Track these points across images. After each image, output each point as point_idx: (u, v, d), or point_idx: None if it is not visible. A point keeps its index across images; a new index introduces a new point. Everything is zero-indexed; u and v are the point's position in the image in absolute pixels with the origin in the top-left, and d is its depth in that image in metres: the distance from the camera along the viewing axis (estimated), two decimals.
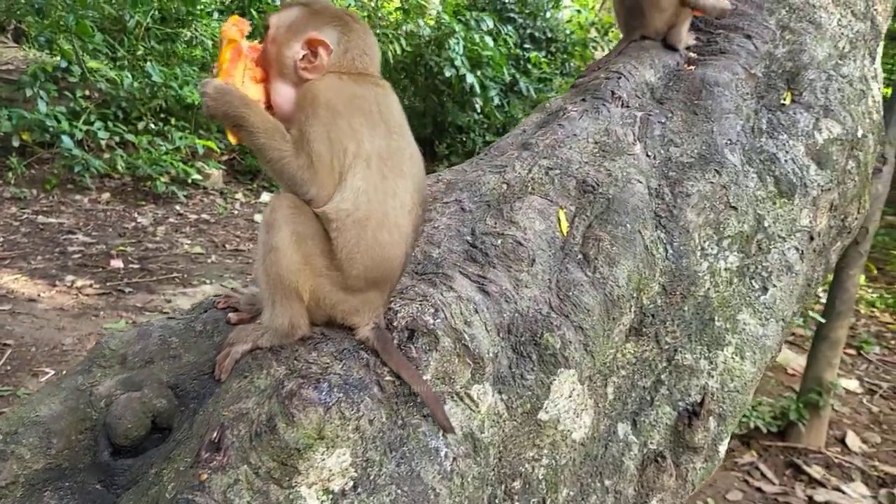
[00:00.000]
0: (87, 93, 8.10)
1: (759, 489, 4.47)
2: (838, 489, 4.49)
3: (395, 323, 1.52)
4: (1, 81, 8.11)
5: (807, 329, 6.31)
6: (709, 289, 2.03)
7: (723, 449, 1.98)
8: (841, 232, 2.51)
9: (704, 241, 2.06)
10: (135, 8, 8.51)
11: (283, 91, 1.48)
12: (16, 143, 7.32)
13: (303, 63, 1.46)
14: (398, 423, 1.43)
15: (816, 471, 4.67)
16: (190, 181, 8.10)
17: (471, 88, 9.51)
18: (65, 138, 7.26)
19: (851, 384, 5.93)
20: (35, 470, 1.42)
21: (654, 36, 2.62)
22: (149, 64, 8.25)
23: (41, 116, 7.27)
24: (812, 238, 2.26)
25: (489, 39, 9.72)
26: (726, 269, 2.07)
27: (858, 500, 4.39)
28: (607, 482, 1.78)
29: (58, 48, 8.55)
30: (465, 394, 1.53)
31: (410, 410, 1.45)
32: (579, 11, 12.09)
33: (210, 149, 8.63)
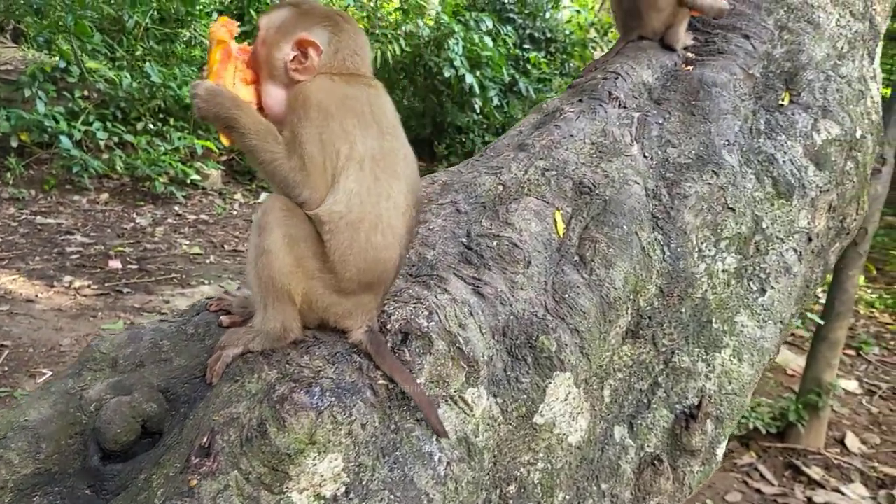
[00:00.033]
0: (85, 93, 8.10)
1: (759, 490, 4.46)
2: (837, 490, 4.48)
3: (389, 326, 1.51)
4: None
5: (806, 330, 6.30)
6: (706, 290, 2.01)
7: (720, 452, 1.97)
8: (840, 233, 2.50)
9: (702, 243, 2.05)
10: (134, 8, 8.51)
11: (274, 93, 1.47)
12: (14, 144, 7.32)
13: (293, 64, 1.45)
14: (391, 427, 1.41)
15: (816, 472, 4.66)
16: (189, 181, 8.10)
17: (470, 89, 9.51)
18: (63, 139, 7.26)
19: (851, 385, 5.92)
20: (24, 475, 1.41)
21: (651, 36, 2.60)
22: (148, 64, 8.25)
23: (40, 117, 7.27)
24: (810, 239, 2.25)
25: (488, 40, 9.73)
26: (724, 271, 2.06)
27: (858, 501, 4.38)
28: (604, 486, 1.76)
29: (56, 48, 8.55)
30: (460, 397, 1.52)
31: (404, 414, 1.44)
32: (579, 12, 12.10)
33: (209, 149, 8.63)
